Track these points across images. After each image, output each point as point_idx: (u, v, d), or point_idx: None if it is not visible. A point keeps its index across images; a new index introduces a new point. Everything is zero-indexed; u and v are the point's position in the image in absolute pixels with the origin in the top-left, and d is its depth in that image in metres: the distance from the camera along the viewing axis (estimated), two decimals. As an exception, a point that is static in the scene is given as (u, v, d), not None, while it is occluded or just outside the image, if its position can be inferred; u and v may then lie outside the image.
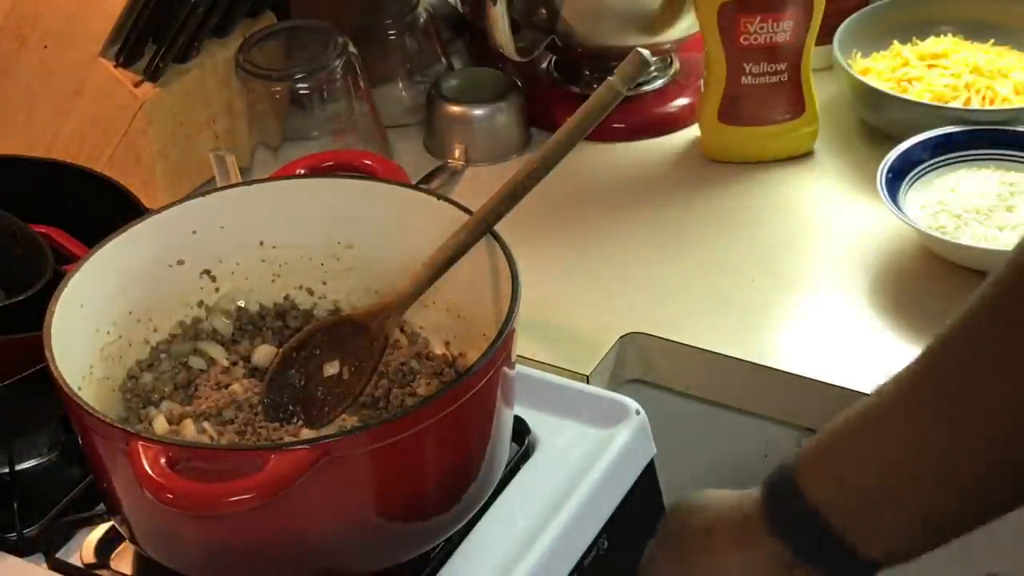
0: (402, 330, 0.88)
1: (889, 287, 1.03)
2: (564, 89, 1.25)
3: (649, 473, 0.91)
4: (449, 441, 0.76)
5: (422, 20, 1.26)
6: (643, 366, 1.01)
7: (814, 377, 0.95)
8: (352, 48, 1.14)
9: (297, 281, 0.90)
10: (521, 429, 0.89)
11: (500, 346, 0.76)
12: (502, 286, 0.81)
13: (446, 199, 0.86)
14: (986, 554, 0.96)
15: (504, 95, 1.20)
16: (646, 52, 0.80)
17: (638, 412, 0.90)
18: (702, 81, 1.17)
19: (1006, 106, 1.12)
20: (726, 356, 0.98)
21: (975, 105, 1.13)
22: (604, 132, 1.20)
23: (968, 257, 1.02)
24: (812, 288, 1.04)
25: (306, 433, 0.82)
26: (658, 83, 1.24)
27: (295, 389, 0.85)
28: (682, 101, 1.23)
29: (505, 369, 0.79)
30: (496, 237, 0.82)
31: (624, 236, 1.10)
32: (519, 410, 0.86)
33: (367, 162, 0.95)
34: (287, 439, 0.81)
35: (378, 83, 1.22)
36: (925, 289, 1.02)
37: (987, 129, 1.09)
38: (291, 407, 0.84)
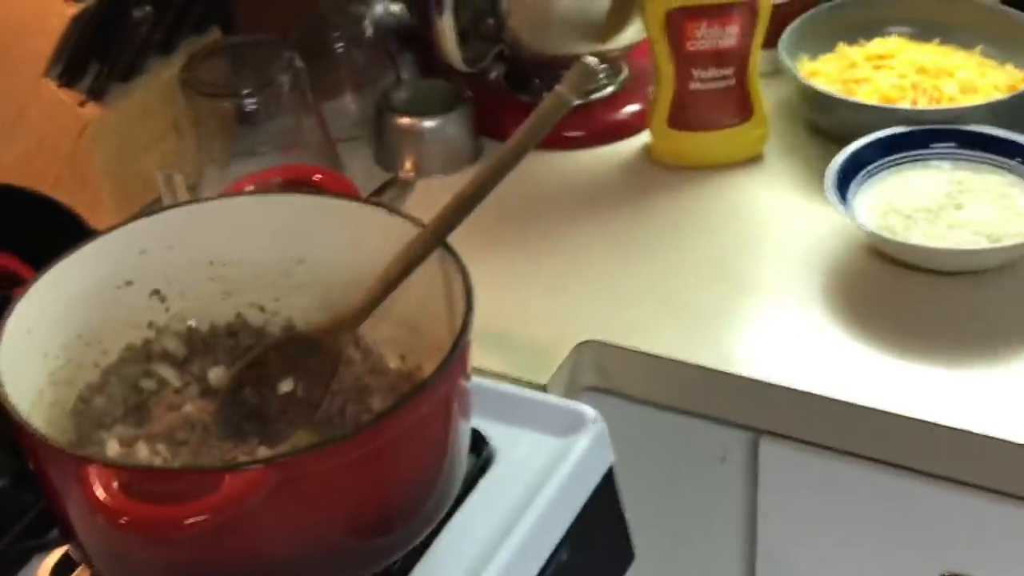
0: (356, 345, 0.87)
1: (841, 288, 1.03)
2: (514, 98, 1.25)
3: (609, 481, 0.91)
4: (406, 456, 0.76)
5: (370, 33, 1.25)
6: (600, 374, 1.01)
7: (768, 380, 0.95)
8: (299, 63, 1.13)
9: (248, 299, 0.89)
10: (479, 440, 0.88)
11: (455, 359, 0.76)
12: (456, 298, 0.80)
13: (397, 212, 0.85)
14: (945, 553, 0.97)
15: (453, 106, 1.20)
16: (592, 61, 0.80)
17: (596, 420, 0.90)
18: (652, 87, 1.18)
19: (952, 105, 1.13)
20: (682, 362, 0.98)
21: (922, 105, 1.14)
22: (555, 141, 1.20)
23: (918, 257, 1.02)
24: (765, 291, 1.04)
25: (262, 452, 0.81)
26: (608, 90, 1.24)
27: (249, 408, 0.84)
28: (632, 108, 1.24)
29: (461, 381, 0.78)
30: (449, 249, 0.82)
31: (578, 244, 1.10)
32: (476, 422, 0.85)
33: (317, 177, 0.94)
34: (242, 459, 0.80)
35: (327, 97, 1.22)
36: (876, 289, 1.03)
37: (934, 129, 1.10)
38: (246, 427, 0.83)
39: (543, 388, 0.97)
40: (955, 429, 0.90)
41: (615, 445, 0.91)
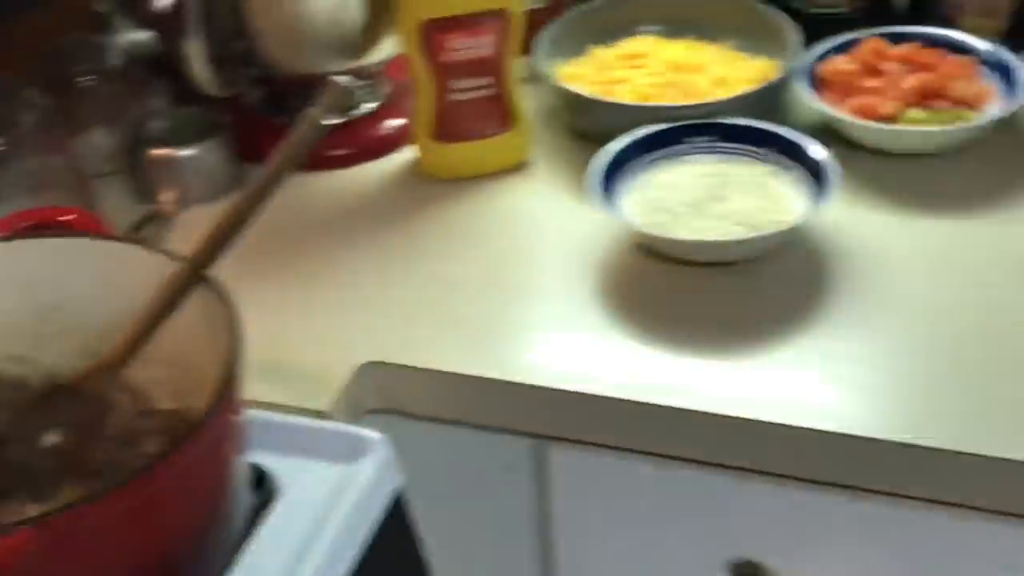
0: (123, 388, 0.84)
1: (614, 288, 1.04)
2: (272, 121, 1.22)
3: (399, 503, 0.90)
4: (183, 500, 0.73)
5: (117, 64, 1.21)
6: (382, 395, 1.00)
7: (551, 386, 0.96)
8: (43, 100, 1.09)
9: (4, 350, 0.85)
10: (260, 476, 0.86)
11: (226, 395, 0.73)
12: (222, 332, 0.77)
13: (155, 248, 0.82)
14: (736, 540, 0.98)
15: (210, 134, 1.17)
16: (343, 79, 0.79)
17: (381, 443, 0.88)
18: (413, 101, 1.17)
19: (707, 100, 1.15)
20: (464, 375, 0.97)
21: (678, 101, 1.16)
22: (320, 161, 1.19)
23: (685, 251, 1.04)
24: (541, 297, 1.04)
25: (30, 511, 0.77)
26: (370, 106, 1.23)
27: (15, 465, 0.80)
28: (396, 122, 1.23)
29: (235, 417, 0.76)
30: (211, 282, 0.79)
31: (351, 264, 1.09)
32: (256, 456, 0.83)
33: (68, 217, 0.90)
34: (9, 520, 0.76)
35: (78, 132, 1.17)
36: (649, 286, 1.04)
37: (692, 124, 1.12)
38: (12, 485, 0.79)
39: (324, 415, 0.95)
40: (734, 418, 0.92)
41: (404, 465, 0.90)
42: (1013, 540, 0.91)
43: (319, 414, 0.95)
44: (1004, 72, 1.16)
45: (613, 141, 1.11)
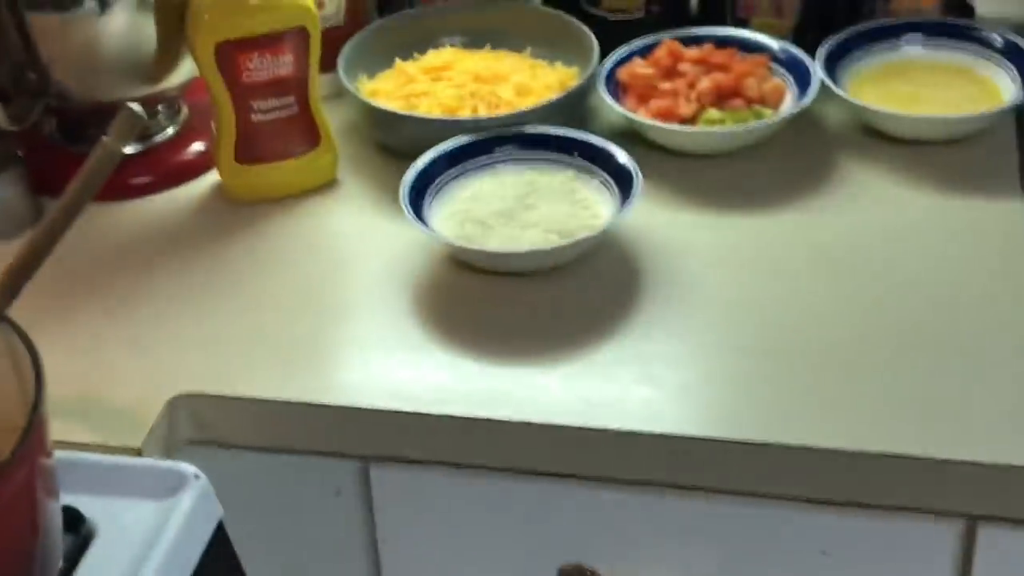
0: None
1: (430, 303, 1.04)
2: (70, 152, 1.19)
3: (220, 536, 0.88)
4: (-8, 551, 0.70)
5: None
6: (198, 426, 0.98)
7: (370, 406, 0.95)
8: None
9: None
10: (75, 518, 0.83)
11: (31, 439, 0.71)
12: (25, 373, 0.75)
13: (-53, 291, 0.79)
14: (563, 545, 0.99)
15: (4, 167, 1.12)
16: (136, 107, 0.77)
17: (197, 476, 0.87)
18: (214, 124, 1.15)
19: (511, 110, 1.15)
20: (281, 401, 0.96)
21: (483, 112, 1.16)
22: (121, 189, 1.16)
23: (498, 262, 1.04)
24: (356, 315, 1.04)
25: None
26: (169, 131, 1.21)
27: None
28: (198, 146, 1.20)
29: (43, 460, 0.73)
30: (9, 322, 0.76)
31: (160, 294, 1.06)
32: (69, 498, 0.81)
33: None
34: None
35: None
36: (464, 299, 1.04)
37: (497, 135, 1.12)
38: None
39: (138, 452, 0.92)
40: (554, 425, 0.92)
41: (225, 497, 0.88)
42: (828, 525, 0.93)
43: (133, 451, 0.92)
44: (796, 69, 1.19)
45: (420, 155, 1.11)
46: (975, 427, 0.89)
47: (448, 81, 1.20)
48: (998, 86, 1.18)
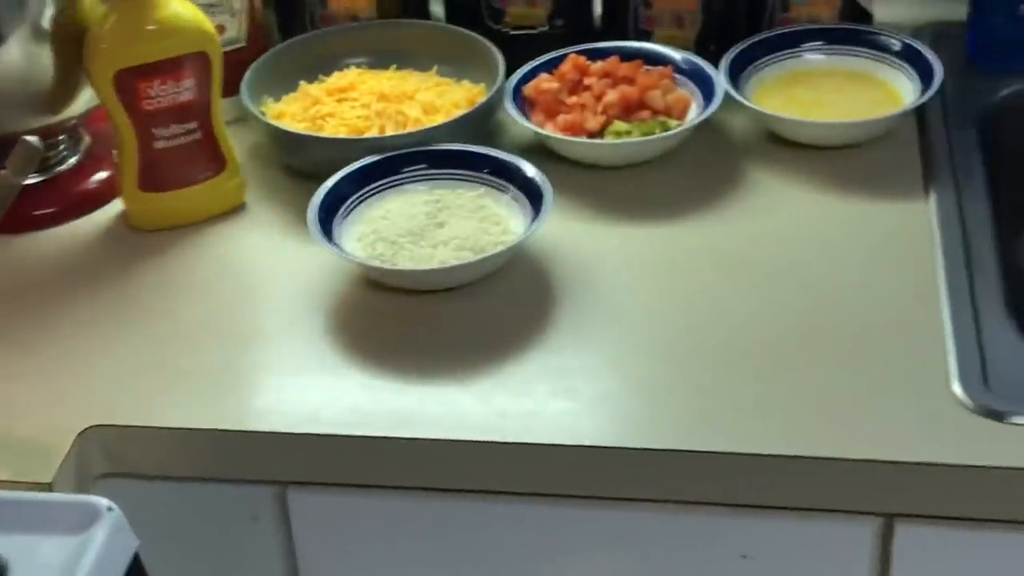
0: None
1: (343, 324, 1.03)
2: (-30, 186, 1.17)
3: (136, 567, 0.86)
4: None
5: None
6: (110, 459, 0.96)
7: (285, 431, 0.94)
8: None
9: None
10: (-15, 559, 0.82)
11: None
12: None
13: None
14: (486, 564, 0.99)
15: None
16: (33, 139, 0.76)
17: (111, 508, 0.85)
18: (116, 152, 1.13)
19: (418, 128, 1.15)
20: (194, 429, 0.95)
21: (389, 132, 1.16)
22: (24, 221, 1.14)
23: (410, 280, 1.04)
24: (268, 340, 1.03)
25: None
26: (72, 161, 1.19)
27: None
28: (101, 175, 1.18)
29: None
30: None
31: (66, 327, 1.04)
32: (-20, 538, 0.79)
33: None
34: None
35: None
36: (378, 319, 1.03)
37: (405, 153, 1.12)
38: None
39: (49, 486, 0.90)
40: (470, 442, 0.92)
41: (142, 529, 0.86)
42: (748, 529, 0.94)
43: (43, 486, 0.90)
44: (699, 79, 1.20)
45: (328, 177, 1.10)
46: (886, 426, 0.90)
47: (354, 102, 1.19)
48: (898, 90, 1.20)
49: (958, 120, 1.18)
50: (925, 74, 1.18)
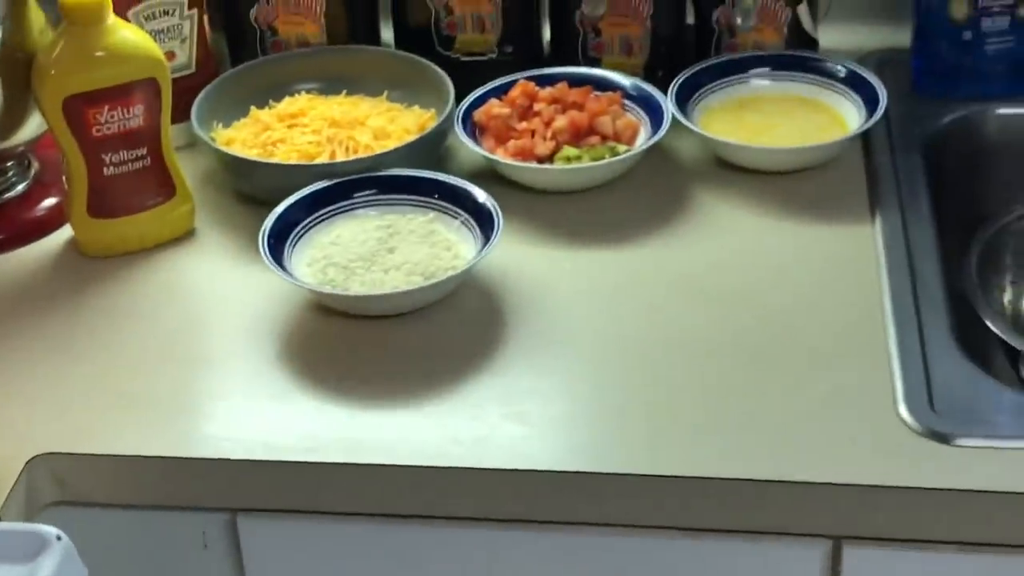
0: None
1: (294, 350, 1.03)
2: (-85, 213, 1.16)
3: (85, 597, 0.86)
4: None
5: None
6: (59, 487, 0.95)
7: (234, 457, 0.93)
8: None
9: None
10: (-68, 589, 0.81)
11: None
12: None
13: None
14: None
15: None
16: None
17: (59, 537, 0.84)
18: (65, 178, 1.13)
19: (368, 154, 1.15)
20: (144, 456, 0.94)
21: (340, 157, 1.16)
22: (-29, 249, 1.13)
23: (361, 305, 1.04)
24: (218, 366, 1.02)
25: None
26: (20, 187, 1.18)
27: None
28: (49, 202, 1.18)
29: None
30: None
31: (13, 354, 1.04)
32: (-75, 569, 0.78)
33: None
34: None
35: None
36: (329, 344, 1.03)
37: (355, 178, 1.12)
38: None
39: (-4, 516, 0.90)
40: (422, 467, 0.92)
41: (90, 556, 0.86)
42: (700, 552, 0.94)
43: (-9, 515, 0.90)
44: (648, 105, 1.21)
45: (279, 202, 1.10)
46: (834, 449, 0.91)
47: (304, 127, 1.19)
48: (844, 115, 1.21)
49: (903, 145, 1.20)
50: (870, 100, 1.19)
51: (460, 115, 1.20)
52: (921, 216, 1.11)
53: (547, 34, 1.32)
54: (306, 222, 1.10)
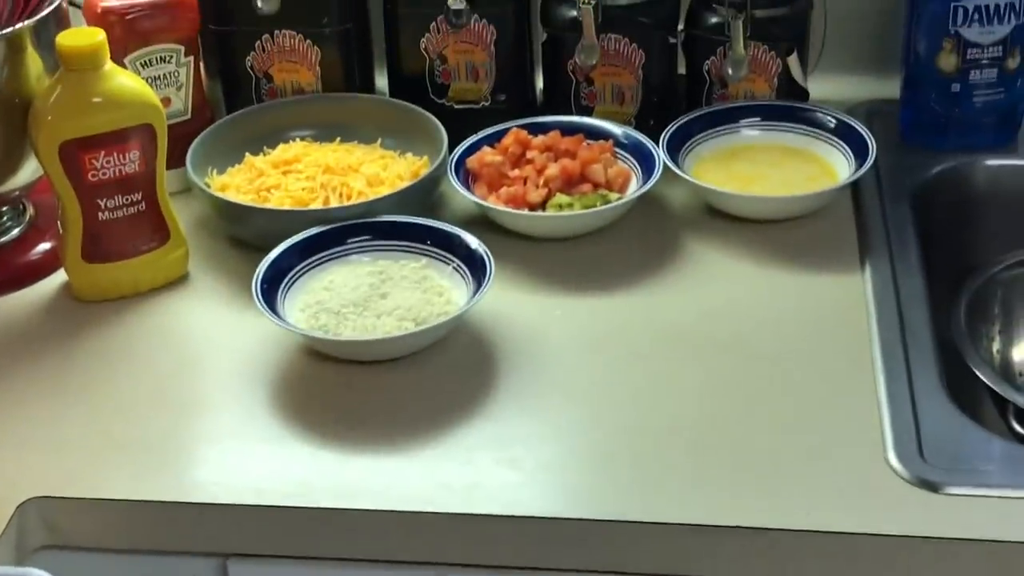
0: None
1: (287, 395, 1.03)
2: (-89, 257, 1.16)
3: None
4: None
5: None
6: (50, 531, 0.95)
7: (227, 502, 0.94)
8: None
9: None
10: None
11: None
12: None
13: None
14: None
15: None
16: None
17: (49, 582, 0.85)
18: (59, 223, 1.13)
19: (362, 200, 1.16)
20: (135, 501, 0.94)
21: (334, 203, 1.17)
22: (-36, 293, 1.13)
23: (353, 350, 1.04)
24: (211, 411, 1.03)
25: None
26: (14, 232, 1.19)
27: None
28: (44, 246, 1.18)
29: None
30: None
31: (5, 398, 1.04)
32: (-86, 613, 0.78)
33: None
34: None
35: None
36: (322, 389, 1.03)
37: (349, 224, 1.13)
38: None
39: (-13, 559, 0.90)
40: (413, 513, 0.92)
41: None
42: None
43: (-18, 559, 0.90)
44: (639, 153, 1.22)
45: (273, 248, 1.10)
46: (823, 497, 0.91)
47: (299, 174, 1.20)
48: (833, 165, 1.22)
49: (892, 195, 1.20)
50: (859, 150, 1.21)
51: (453, 162, 1.21)
52: (910, 265, 1.12)
53: (540, 83, 1.33)
54: (299, 267, 1.10)
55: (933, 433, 0.96)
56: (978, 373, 1.07)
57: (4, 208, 1.18)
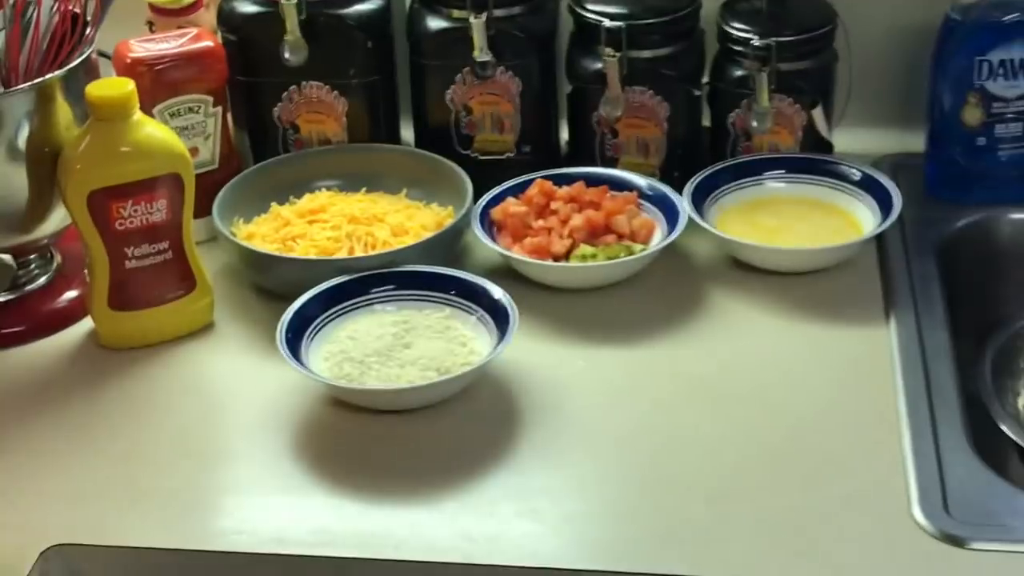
0: None
1: (310, 444, 1.03)
2: (-61, 302, 1.17)
3: None
4: None
5: None
6: (73, 578, 0.96)
7: (251, 551, 0.94)
8: None
9: None
10: None
11: None
12: None
13: None
14: None
15: None
16: (6, 257, 0.77)
17: (69, 629, 0.85)
18: (87, 271, 1.14)
19: (387, 249, 1.16)
20: (157, 549, 0.94)
21: (359, 253, 1.17)
22: (-7, 340, 1.14)
23: (377, 400, 1.05)
24: (233, 459, 1.03)
25: None
26: (42, 280, 1.19)
27: None
28: (71, 294, 1.19)
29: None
30: None
31: (31, 444, 1.04)
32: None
33: None
34: None
35: None
36: (345, 438, 1.03)
37: (373, 274, 1.14)
38: None
39: (10, 606, 0.90)
40: (434, 563, 0.92)
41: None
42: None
43: (3, 607, 0.90)
44: (664, 204, 1.22)
45: (297, 297, 1.11)
46: (848, 552, 0.91)
47: (324, 223, 1.21)
48: (858, 217, 1.22)
49: (917, 248, 1.20)
50: (884, 203, 1.21)
51: (478, 213, 1.21)
52: (935, 319, 1.12)
53: (564, 134, 1.34)
54: (324, 316, 1.11)
55: (959, 488, 0.95)
56: (1004, 428, 1.06)
57: (32, 256, 1.18)
